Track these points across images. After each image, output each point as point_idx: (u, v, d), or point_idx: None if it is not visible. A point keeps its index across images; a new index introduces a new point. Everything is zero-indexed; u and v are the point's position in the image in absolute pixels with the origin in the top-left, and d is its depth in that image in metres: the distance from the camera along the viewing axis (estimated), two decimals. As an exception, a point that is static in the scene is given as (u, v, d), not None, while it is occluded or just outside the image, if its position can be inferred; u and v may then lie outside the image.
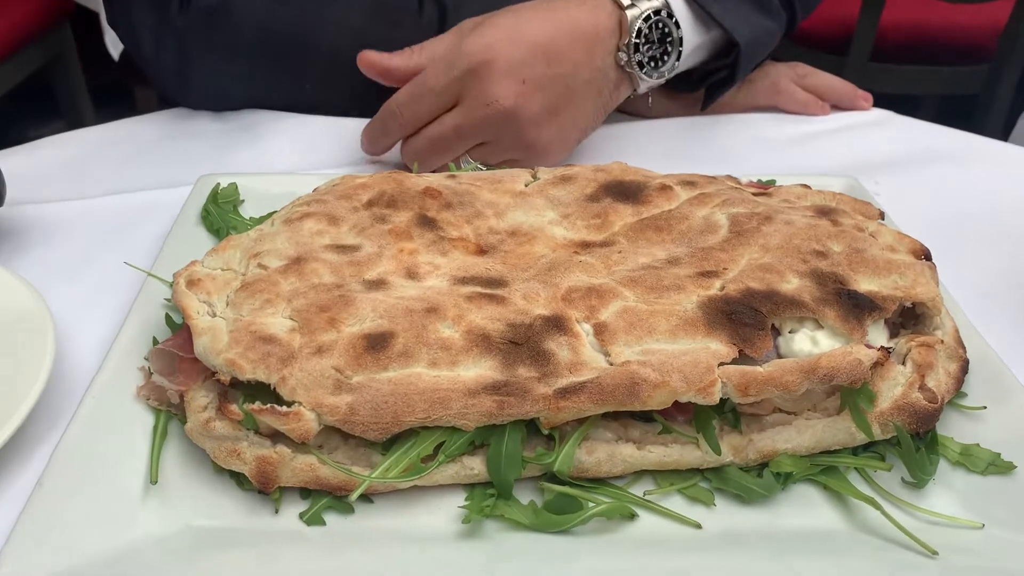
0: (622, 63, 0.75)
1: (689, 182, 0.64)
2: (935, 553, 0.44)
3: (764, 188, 0.66)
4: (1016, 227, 0.75)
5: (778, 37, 0.86)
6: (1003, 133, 2.32)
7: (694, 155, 0.84)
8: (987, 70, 2.24)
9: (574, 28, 0.73)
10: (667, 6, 0.76)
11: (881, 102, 1.04)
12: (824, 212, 0.60)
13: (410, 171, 0.70)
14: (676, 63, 0.78)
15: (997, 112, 2.31)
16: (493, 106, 0.70)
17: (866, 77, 2.31)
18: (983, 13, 2.27)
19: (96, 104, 2.54)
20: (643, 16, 0.75)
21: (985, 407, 0.52)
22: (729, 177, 0.68)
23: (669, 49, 0.77)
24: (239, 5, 0.81)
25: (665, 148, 0.86)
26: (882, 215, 0.63)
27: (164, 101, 0.97)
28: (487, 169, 0.72)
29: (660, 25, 0.76)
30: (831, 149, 0.87)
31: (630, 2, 0.75)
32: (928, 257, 0.57)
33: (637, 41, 0.75)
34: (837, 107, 0.96)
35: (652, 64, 0.77)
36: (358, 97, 0.82)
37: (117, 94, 2.88)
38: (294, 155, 0.83)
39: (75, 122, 2.49)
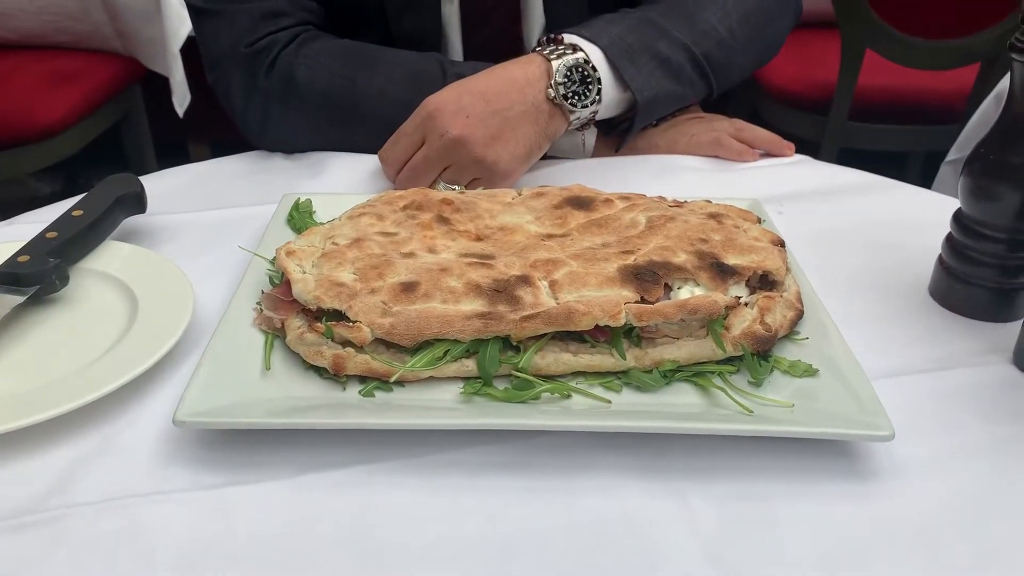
0: (551, 98, 1.02)
1: (626, 197, 0.91)
2: (751, 412, 0.69)
3: (679, 203, 0.93)
4: (875, 238, 1.02)
5: (688, 100, 1.13)
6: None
7: (638, 181, 1.10)
8: (958, 129, 2.52)
9: (508, 78, 1.02)
10: (588, 61, 1.02)
11: (867, 159, 1.25)
12: (713, 215, 0.87)
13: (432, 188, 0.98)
14: (597, 97, 1.02)
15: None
16: (445, 136, 0.98)
17: (846, 134, 2.55)
18: (952, 78, 2.49)
19: (157, 155, 2.87)
20: (566, 65, 1.01)
21: (807, 338, 0.78)
22: (660, 197, 0.95)
23: (591, 88, 1.02)
24: (303, 80, 1.10)
25: (616, 177, 1.12)
26: (760, 220, 0.89)
27: (215, 151, 1.27)
28: (459, 190, 0.98)
29: (580, 70, 1.02)
30: (749, 182, 1.14)
31: (556, 56, 1.02)
32: (782, 245, 0.84)
33: (562, 81, 1.01)
34: (767, 154, 1.22)
35: (576, 98, 1.02)
36: None
37: (174, 149, 3.23)
38: (350, 183, 1.12)
39: (140, 172, 2.80)
